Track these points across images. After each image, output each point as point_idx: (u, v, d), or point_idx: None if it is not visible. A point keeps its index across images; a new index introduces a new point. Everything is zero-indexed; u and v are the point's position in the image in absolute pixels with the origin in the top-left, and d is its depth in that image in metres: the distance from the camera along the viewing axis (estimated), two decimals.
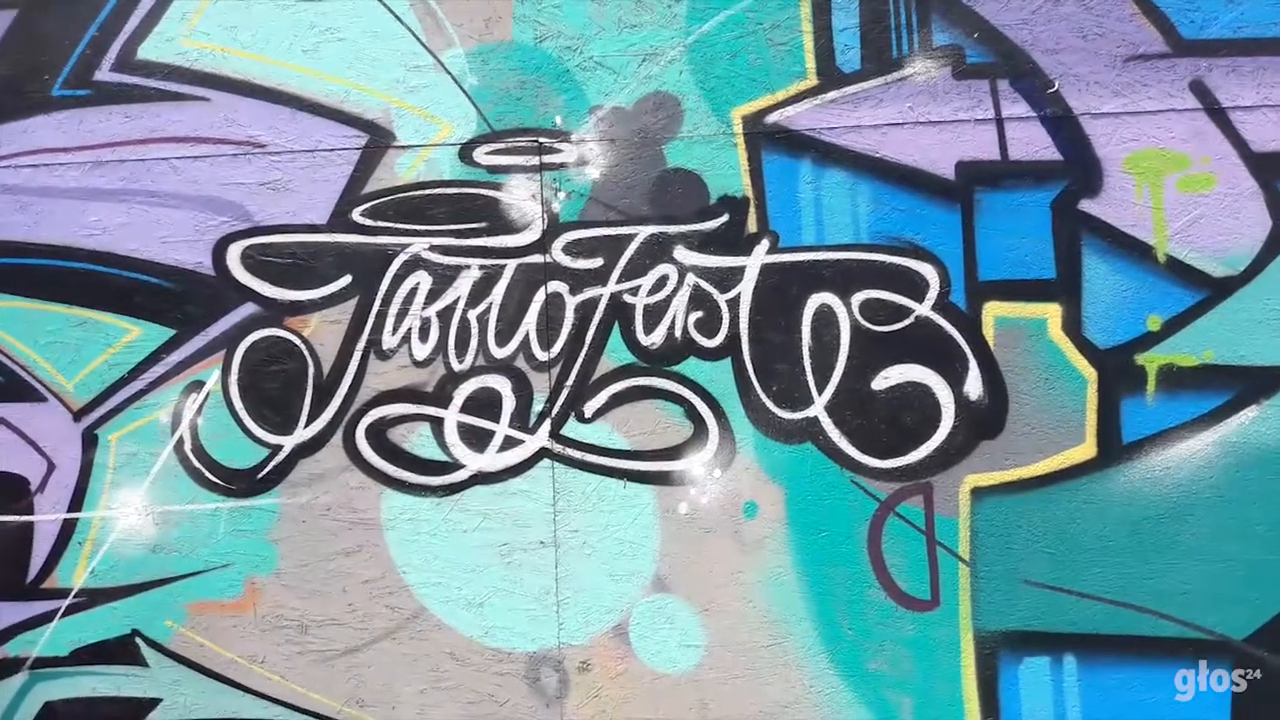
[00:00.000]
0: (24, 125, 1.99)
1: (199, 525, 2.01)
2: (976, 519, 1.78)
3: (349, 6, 1.83)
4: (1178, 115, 1.64)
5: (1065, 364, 1.73)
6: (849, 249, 1.76)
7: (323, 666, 2.00)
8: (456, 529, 1.93)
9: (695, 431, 1.84)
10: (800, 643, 1.86)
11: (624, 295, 1.82)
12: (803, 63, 1.73)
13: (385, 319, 1.89)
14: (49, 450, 2.08)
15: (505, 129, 1.82)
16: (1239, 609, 1.72)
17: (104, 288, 1.99)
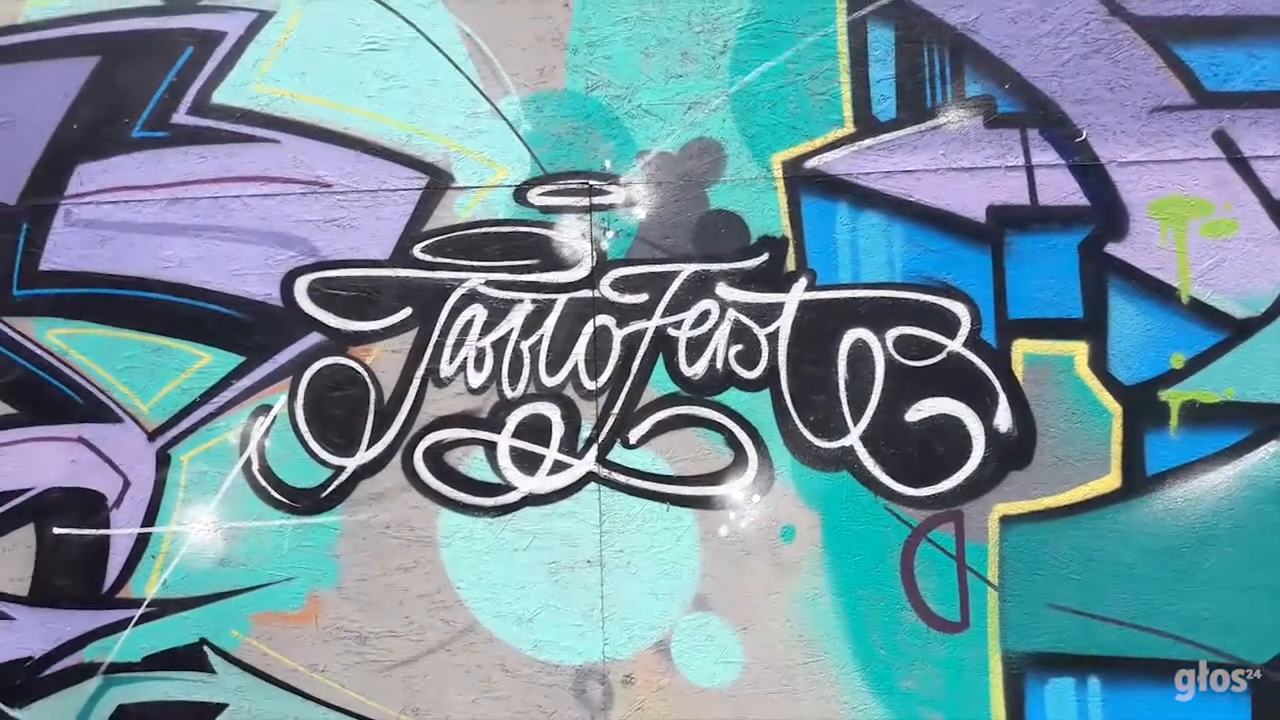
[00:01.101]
0: (105, 165, 2.20)
1: (265, 541, 2.21)
2: (1005, 545, 1.92)
3: (411, 55, 2.01)
4: (1201, 164, 1.77)
5: (1091, 399, 1.87)
6: (883, 287, 1.91)
7: (380, 676, 2.19)
8: (507, 547, 2.11)
9: (735, 458, 2.00)
10: (834, 661, 2.02)
11: (668, 329, 1.98)
12: (840, 111, 1.89)
13: (443, 349, 2.07)
14: (125, 468, 2.29)
15: (557, 171, 2.00)
16: (1259, 635, 1.85)
17: (178, 317, 2.19)
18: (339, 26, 2.06)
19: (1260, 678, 1.84)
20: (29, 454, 2.36)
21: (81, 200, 2.23)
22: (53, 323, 2.28)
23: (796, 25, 1.89)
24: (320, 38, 2.07)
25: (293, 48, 2.08)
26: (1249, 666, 1.87)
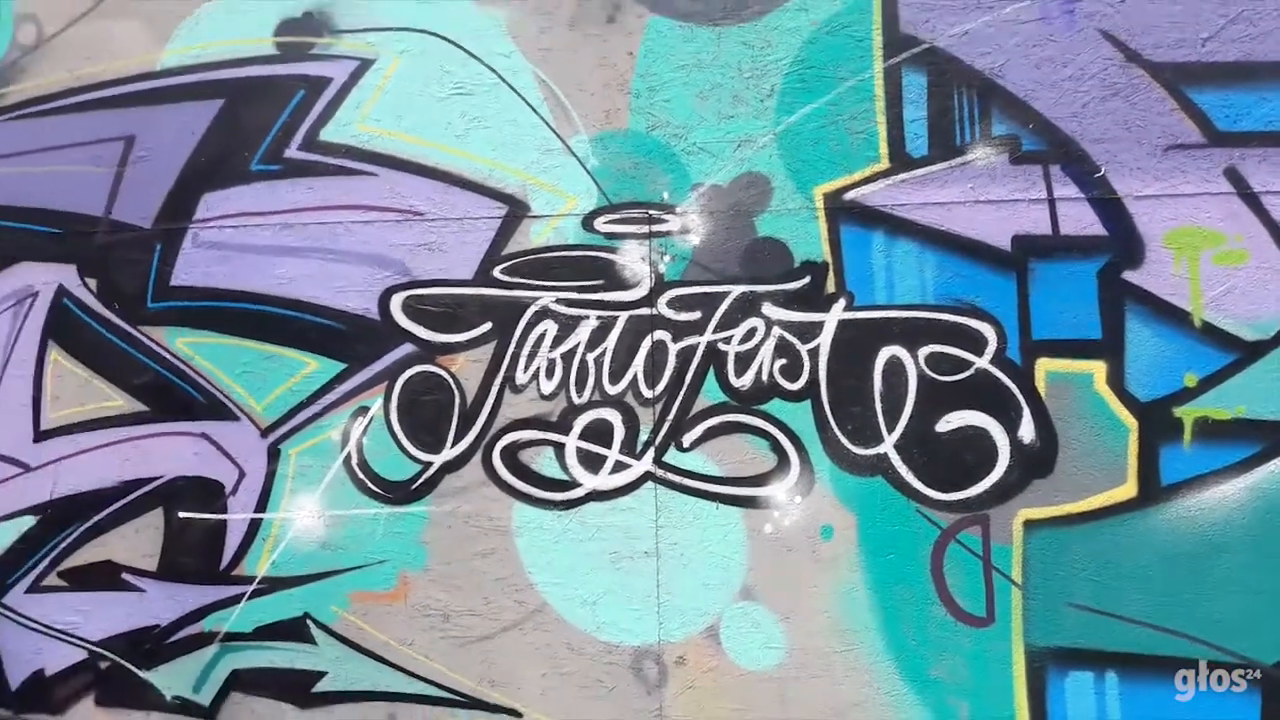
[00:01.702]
0: (226, 194, 2.56)
1: (361, 527, 2.55)
2: (1028, 548, 2.14)
3: (493, 99, 2.32)
4: (1213, 198, 1.96)
5: (1109, 414, 2.07)
6: (916, 309, 2.15)
7: (460, 650, 2.52)
8: (574, 538, 2.41)
9: (779, 463, 2.26)
10: (869, 649, 2.26)
11: (718, 344, 2.25)
12: (877, 148, 2.13)
13: (518, 359, 2.38)
14: (241, 461, 2.66)
15: (620, 202, 2.28)
16: (1269, 637, 2.03)
17: (289, 328, 2.55)
18: (430, 73, 2.38)
19: (1264, 676, 2.02)
20: (159, 447, 2.75)
21: (206, 225, 2.60)
22: (181, 331, 2.66)
23: (837, 71, 2.13)
24: (414, 83, 2.39)
25: (390, 92, 2.41)
26: (1258, 666, 2.05)
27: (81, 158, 2.69)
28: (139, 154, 2.64)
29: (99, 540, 2.84)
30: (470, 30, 2.35)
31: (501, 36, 2.32)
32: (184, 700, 2.82)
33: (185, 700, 2.82)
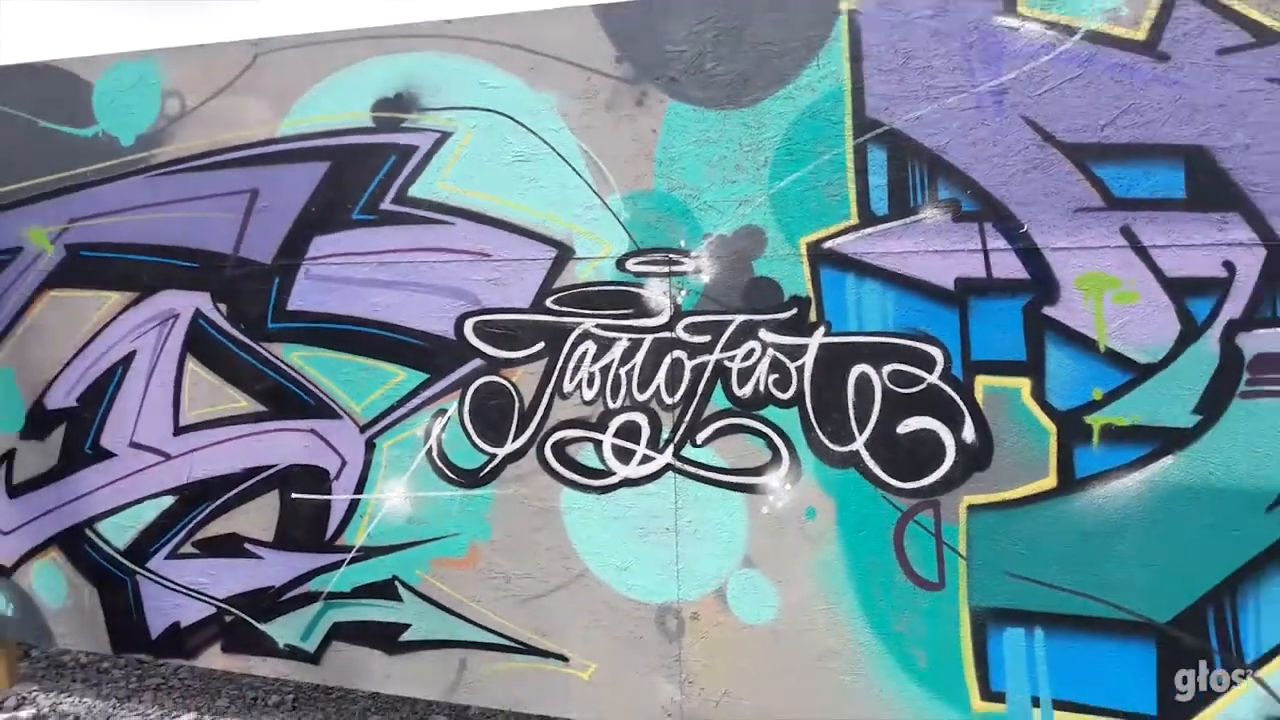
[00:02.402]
0: (334, 237, 3.24)
1: (439, 507, 3.21)
2: (971, 527, 2.72)
3: (546, 165, 2.96)
4: (1111, 250, 2.52)
5: (1034, 420, 2.64)
6: (880, 335, 2.73)
7: (519, 607, 3.16)
8: (609, 516, 3.04)
9: (773, 457, 2.87)
10: (846, 608, 2.86)
11: (724, 361, 2.87)
12: (848, 208, 2.72)
13: (565, 372, 3.02)
14: (343, 452, 3.33)
15: (647, 248, 2.90)
16: (1161, 600, 2.59)
17: (382, 345, 3.21)
18: (496, 144, 3.03)
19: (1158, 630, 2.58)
20: (276, 440, 3.44)
21: (316, 262, 3.28)
22: (295, 347, 3.35)
23: (817, 147, 2.73)
24: (483, 151, 3.04)
25: (464, 158, 3.06)
26: (1173, 645, 2.60)
27: (215, 207, 3.39)
28: (261, 204, 3.33)
29: (226, 516, 3.54)
30: (528, 110, 2.99)
31: (553, 115, 2.97)
32: (294, 648, 3.51)
33: (295, 648, 3.50)
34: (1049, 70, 2.52)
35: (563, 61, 2.90)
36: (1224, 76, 2.40)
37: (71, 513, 3.75)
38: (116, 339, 3.57)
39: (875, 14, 2.64)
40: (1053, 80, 2.52)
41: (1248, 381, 2.47)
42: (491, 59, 2.97)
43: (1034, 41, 2.52)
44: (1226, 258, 2.44)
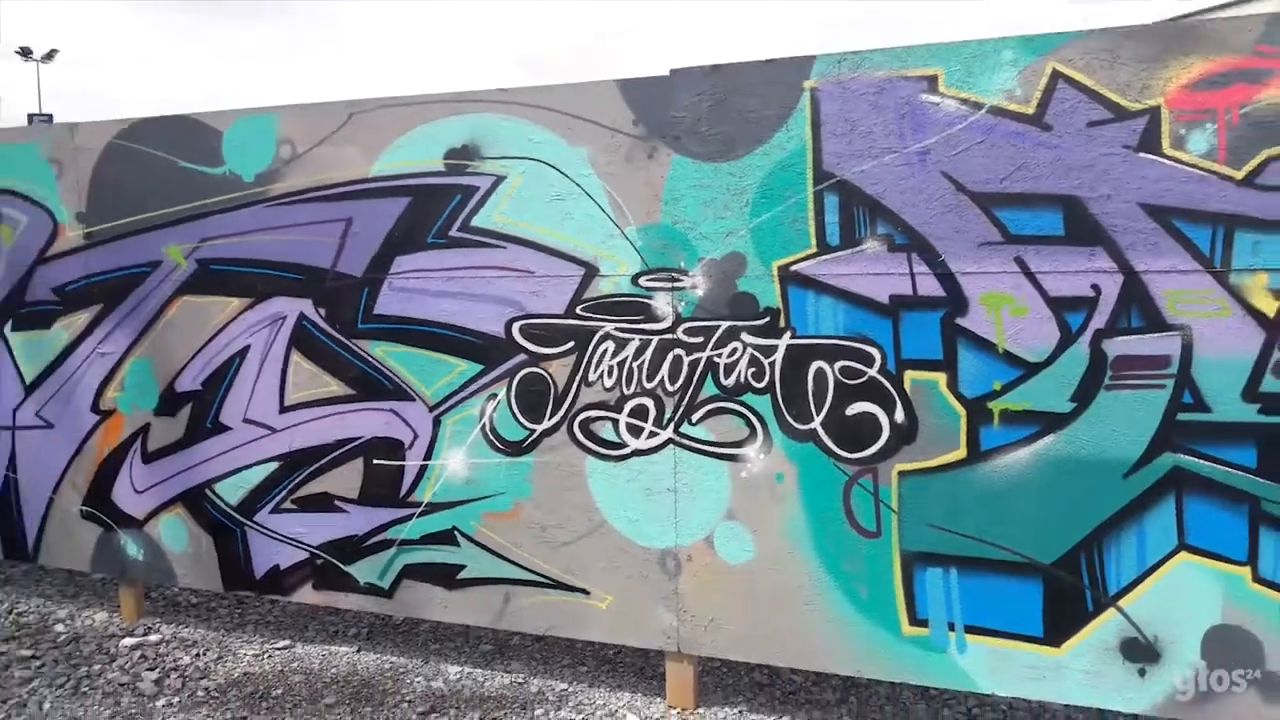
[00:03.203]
0: (411, 257, 4.06)
1: (490, 471, 4.02)
2: (902, 488, 3.46)
3: (578, 202, 3.76)
4: (1008, 275, 3.26)
5: (948, 406, 3.38)
6: (833, 338, 3.49)
7: (552, 551, 3.95)
8: (623, 479, 3.82)
9: (751, 433, 3.63)
10: (806, 552, 3.60)
11: (714, 357, 3.64)
12: (809, 239, 3.48)
13: (590, 365, 3.81)
14: (415, 426, 4.15)
15: (655, 268, 3.69)
16: (1046, 546, 3.31)
17: (447, 342, 4.03)
18: (539, 186, 3.83)
19: (1043, 570, 3.31)
20: (362, 417, 4.26)
21: (397, 276, 4.10)
22: (379, 343, 4.18)
23: (785, 192, 3.49)
24: (530, 191, 3.85)
25: (515, 196, 3.87)
26: (1058, 584, 3.32)
27: (317, 232, 4.23)
28: (354, 230, 4.17)
29: (319, 478, 4.36)
30: (564, 159, 3.79)
31: (584, 164, 3.76)
32: (371, 585, 4.32)
33: (372, 585, 4.32)
34: (961, 136, 3.27)
35: (592, 123, 3.70)
36: (1092, 143, 3.14)
37: (194, 475, 4.61)
38: (235, 336, 4.42)
39: (830, 90, 3.41)
40: (964, 144, 3.27)
41: (1110, 377, 3.19)
42: (537, 120, 3.78)
43: (950, 114, 3.28)
44: (1094, 281, 3.17)
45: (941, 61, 3.24)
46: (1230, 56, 2.93)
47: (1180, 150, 3.01)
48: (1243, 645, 3.09)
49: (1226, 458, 3.07)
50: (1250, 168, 2.94)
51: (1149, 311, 3.10)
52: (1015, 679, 3.35)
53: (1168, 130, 3.02)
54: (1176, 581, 3.16)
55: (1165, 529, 3.16)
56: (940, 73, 3.25)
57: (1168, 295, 3.08)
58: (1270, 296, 2.97)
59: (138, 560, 4.76)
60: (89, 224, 4.60)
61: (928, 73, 3.26)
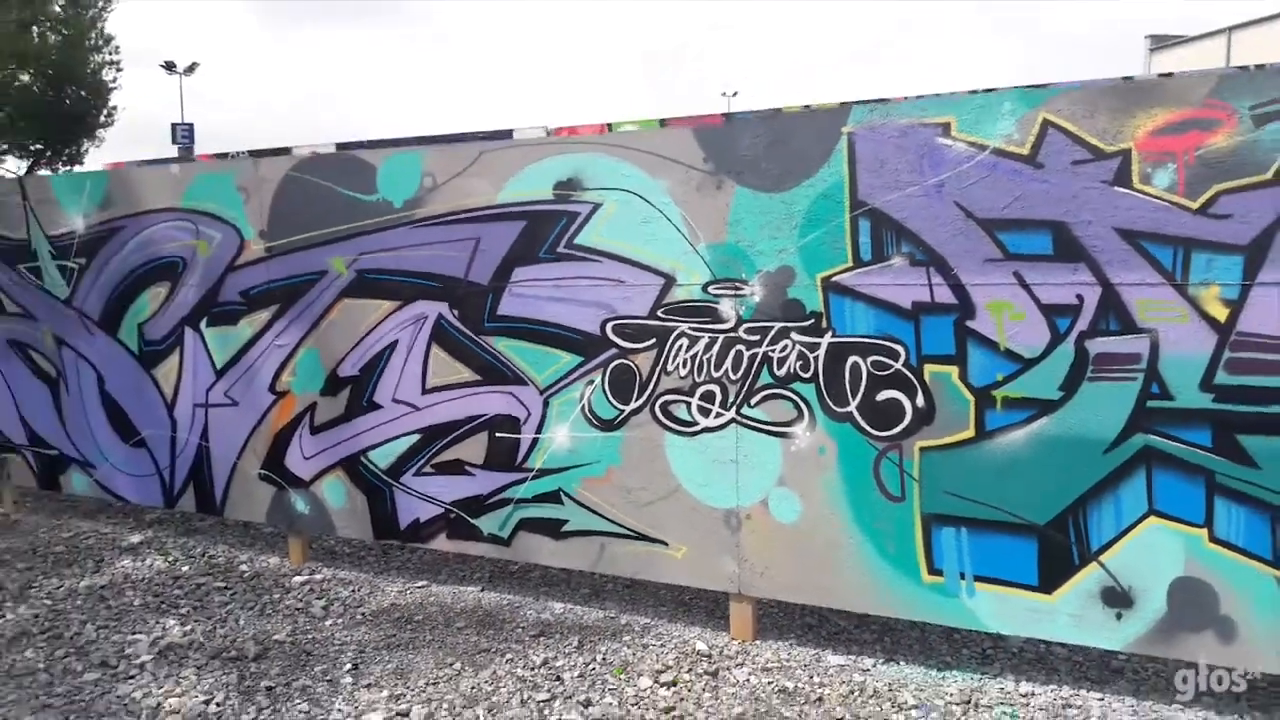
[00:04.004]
0: (527, 269, 4.94)
1: (588, 443, 4.87)
2: (922, 460, 4.16)
3: (659, 225, 4.57)
4: (1007, 286, 3.93)
5: (960, 393, 4.07)
6: (866, 337, 4.22)
7: (637, 509, 4.79)
8: (695, 451, 4.63)
9: (799, 414, 4.39)
10: (844, 513, 4.34)
11: (769, 352, 4.41)
12: (846, 255, 4.22)
13: (668, 357, 4.63)
14: (528, 406, 5.04)
15: (721, 278, 4.48)
16: (1040, 510, 3.97)
17: (555, 338, 4.91)
18: (629, 211, 4.66)
19: (1038, 531, 3.97)
20: (487, 398, 5.17)
21: (516, 284, 4.99)
22: (500, 339, 5.07)
23: (827, 217, 4.24)
24: (621, 216, 4.68)
25: (609, 220, 4.70)
26: (1052, 543, 3.99)
27: (452, 248, 5.15)
28: (482, 247, 5.08)
29: (452, 448, 5.30)
30: (648, 190, 4.61)
31: (664, 194, 4.58)
32: (494, 535, 5.23)
33: (495, 535, 5.23)
34: (970, 172, 3.95)
35: (671, 160, 4.51)
36: (1075, 179, 3.79)
37: (351, 445, 5.60)
38: (386, 331, 5.39)
39: (864, 134, 4.13)
40: (972, 178, 3.95)
41: (1092, 371, 3.83)
42: (626, 158, 4.61)
43: (961, 154, 3.97)
44: (1078, 292, 3.82)
45: (954, 111, 3.93)
46: (1186, 109, 3.55)
47: (1147, 185, 3.64)
48: (1202, 594, 3.71)
49: (1187, 438, 3.68)
50: (1204, 200, 3.55)
51: (1123, 317, 3.73)
52: (1015, 620, 4.02)
53: (1137, 168, 3.65)
54: (1147, 540, 3.78)
55: (1137, 496, 3.78)
56: (953, 120, 3.94)
57: (1138, 304, 3.71)
58: (1221, 305, 3.57)
59: (304, 514, 5.79)
60: (269, 240, 5.65)
61: (942, 120, 3.96)
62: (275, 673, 4.21)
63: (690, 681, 4.06)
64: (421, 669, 4.22)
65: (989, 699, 3.90)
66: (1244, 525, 3.59)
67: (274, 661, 4.34)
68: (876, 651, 4.42)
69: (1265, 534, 3.56)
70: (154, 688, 4.09)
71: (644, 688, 4.01)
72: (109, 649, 4.54)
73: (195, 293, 5.91)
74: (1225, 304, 3.54)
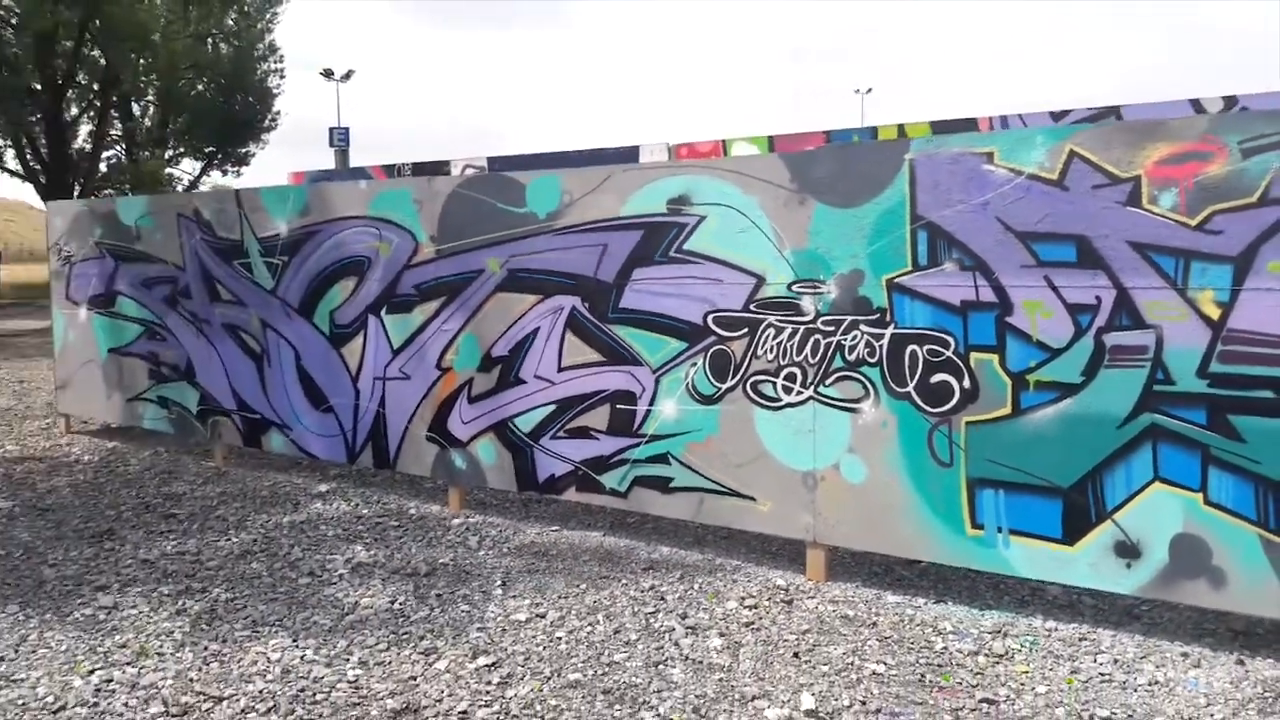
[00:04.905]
0: (645, 269, 5.90)
1: (691, 415, 5.82)
2: (968, 433, 4.96)
3: (752, 234, 5.48)
4: (1040, 288, 4.67)
5: (999, 377, 4.85)
6: (922, 329, 5.04)
7: (731, 470, 5.71)
8: (779, 423, 5.52)
9: (866, 393, 5.23)
10: (902, 477, 5.17)
11: (842, 341, 5.27)
12: (906, 261, 5.04)
13: (758, 344, 5.53)
14: (643, 383, 6.02)
15: (803, 278, 5.36)
16: (1064, 474, 4.72)
17: (666, 327, 5.87)
18: (728, 222, 5.57)
19: (1062, 492, 4.71)
20: (610, 376, 6.16)
21: (635, 282, 5.97)
22: (621, 327, 6.05)
23: (890, 229, 5.06)
24: (721, 227, 5.60)
25: (711, 230, 5.64)
26: (1075, 505, 4.73)
27: (584, 252, 6.17)
28: (608, 252, 6.08)
29: (581, 416, 6.32)
30: (743, 205, 5.52)
31: (757, 208, 5.47)
32: (614, 489, 6.24)
33: (615, 489, 6.23)
34: (1009, 193, 4.72)
35: (763, 180, 5.41)
36: (1095, 199, 4.51)
37: (501, 412, 6.71)
38: (529, 320, 6.46)
39: (922, 160, 4.94)
40: (1011, 198, 4.72)
41: (1108, 359, 4.55)
42: (726, 179, 5.53)
43: (1002, 178, 4.73)
44: (1097, 293, 4.54)
45: (996, 143, 4.71)
46: (1186, 143, 4.24)
47: (1154, 205, 4.34)
48: (1197, 548, 4.39)
49: (1186, 417, 4.37)
50: (1201, 218, 4.24)
51: (1133, 315, 4.44)
52: (1042, 567, 4.77)
53: (1146, 192, 4.35)
54: (1152, 502, 4.48)
55: (1144, 465, 4.49)
56: (996, 150, 4.71)
57: (1146, 304, 4.41)
58: (1215, 306, 4.25)
59: (462, 469, 6.95)
60: (438, 244, 6.81)
61: (987, 150, 4.74)
62: (442, 585, 5.34)
63: (768, 607, 4.98)
64: (555, 588, 5.26)
65: (1018, 631, 4.67)
66: (1233, 490, 4.26)
67: (440, 578, 5.47)
68: (929, 594, 5.22)
69: (1250, 498, 4.22)
70: (351, 591, 5.28)
71: (730, 608, 4.95)
72: (313, 564, 5.77)
73: (378, 286, 7.14)
74: (1218, 305, 4.21)
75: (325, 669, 4.22)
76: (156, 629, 4.75)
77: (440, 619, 4.84)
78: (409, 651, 4.41)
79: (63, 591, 5.31)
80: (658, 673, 4.15)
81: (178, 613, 4.96)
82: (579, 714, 3.78)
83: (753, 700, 3.88)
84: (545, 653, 4.38)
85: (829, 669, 4.18)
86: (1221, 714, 3.77)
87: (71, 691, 4.06)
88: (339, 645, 4.49)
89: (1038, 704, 3.86)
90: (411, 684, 4.07)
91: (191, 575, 5.56)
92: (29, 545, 6.14)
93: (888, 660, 4.29)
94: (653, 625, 4.72)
